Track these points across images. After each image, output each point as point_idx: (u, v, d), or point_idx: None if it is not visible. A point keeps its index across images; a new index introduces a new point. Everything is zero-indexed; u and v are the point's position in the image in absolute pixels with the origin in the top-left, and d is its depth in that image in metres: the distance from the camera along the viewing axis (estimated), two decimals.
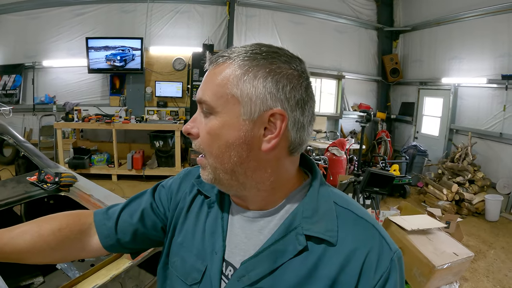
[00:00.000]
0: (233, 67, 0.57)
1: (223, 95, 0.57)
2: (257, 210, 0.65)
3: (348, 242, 0.58)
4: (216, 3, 6.51)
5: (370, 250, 0.57)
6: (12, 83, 6.42)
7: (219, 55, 0.60)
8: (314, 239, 0.59)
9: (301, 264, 0.58)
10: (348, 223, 0.60)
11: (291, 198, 0.64)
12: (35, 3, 6.26)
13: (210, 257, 0.65)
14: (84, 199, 2.01)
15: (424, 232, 2.88)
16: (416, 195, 5.54)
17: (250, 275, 0.59)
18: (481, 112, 5.54)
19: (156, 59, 6.49)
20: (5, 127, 2.36)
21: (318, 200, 0.63)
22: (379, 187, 2.71)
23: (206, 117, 0.60)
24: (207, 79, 0.60)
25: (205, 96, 0.59)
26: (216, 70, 0.59)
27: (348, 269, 0.56)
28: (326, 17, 7.06)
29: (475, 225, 4.51)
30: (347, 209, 0.63)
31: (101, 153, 6.11)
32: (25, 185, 2.11)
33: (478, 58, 5.56)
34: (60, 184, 2.07)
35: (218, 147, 0.58)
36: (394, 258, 0.58)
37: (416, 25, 6.99)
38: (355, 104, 7.65)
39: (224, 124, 0.57)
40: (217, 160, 0.59)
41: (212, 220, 0.68)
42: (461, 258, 2.68)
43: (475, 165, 5.14)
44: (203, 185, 0.73)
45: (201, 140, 0.60)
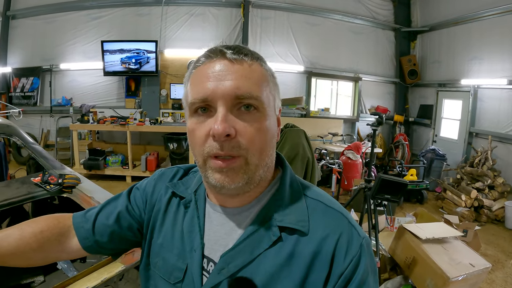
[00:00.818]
0: (264, 67, 0.63)
1: (268, 93, 0.61)
2: (236, 207, 0.67)
3: (319, 230, 0.61)
4: (231, 5, 6.54)
5: (340, 236, 0.60)
6: (30, 86, 6.67)
7: (241, 51, 0.60)
8: (287, 229, 0.62)
9: (276, 254, 0.61)
10: (318, 213, 0.64)
11: (266, 192, 0.67)
12: (52, 7, 6.47)
13: (190, 255, 0.67)
14: (85, 201, 2.04)
15: (439, 241, 2.78)
16: (434, 201, 5.39)
17: (229, 267, 0.62)
18: (502, 114, 5.36)
19: (171, 61, 6.56)
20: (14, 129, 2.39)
21: (289, 193, 0.67)
22: (390, 194, 2.63)
23: (249, 113, 0.59)
24: (246, 74, 0.59)
25: (255, 92, 0.58)
26: (253, 67, 0.60)
27: (320, 255, 0.59)
28: (341, 18, 6.99)
29: (494, 233, 4.34)
30: (317, 200, 0.66)
31: (116, 154, 6.22)
32: (29, 186, 2.14)
33: (499, 58, 5.38)
34: (63, 185, 2.10)
35: (265, 142, 0.61)
36: (363, 243, 0.61)
37: (434, 25, 6.82)
38: (372, 107, 7.53)
39: (270, 120, 0.62)
40: (261, 156, 0.60)
41: (189, 219, 0.70)
42: (477, 270, 2.57)
43: (495, 170, 4.96)
44: (178, 187, 0.76)
45: (246, 139, 0.58)
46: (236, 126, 0.57)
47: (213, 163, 0.59)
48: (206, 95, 0.58)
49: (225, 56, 0.59)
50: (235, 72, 0.58)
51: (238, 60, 0.59)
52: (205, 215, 0.70)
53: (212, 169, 0.60)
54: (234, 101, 0.58)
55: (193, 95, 0.60)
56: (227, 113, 0.57)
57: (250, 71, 0.59)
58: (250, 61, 0.60)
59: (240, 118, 0.58)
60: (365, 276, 0.59)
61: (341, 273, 0.58)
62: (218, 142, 0.57)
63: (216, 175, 0.59)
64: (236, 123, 0.58)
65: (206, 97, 0.58)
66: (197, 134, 0.60)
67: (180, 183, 0.77)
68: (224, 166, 0.58)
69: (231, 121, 0.57)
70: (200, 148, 0.60)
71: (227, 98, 0.57)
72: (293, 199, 0.66)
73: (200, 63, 0.61)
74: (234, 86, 0.57)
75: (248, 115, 0.59)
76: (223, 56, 0.59)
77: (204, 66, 0.60)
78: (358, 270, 0.58)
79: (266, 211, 0.64)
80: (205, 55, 0.62)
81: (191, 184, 0.76)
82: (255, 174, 0.60)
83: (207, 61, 0.61)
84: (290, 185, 0.68)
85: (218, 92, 0.57)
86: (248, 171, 0.59)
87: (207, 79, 0.59)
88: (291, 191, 0.67)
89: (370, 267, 0.61)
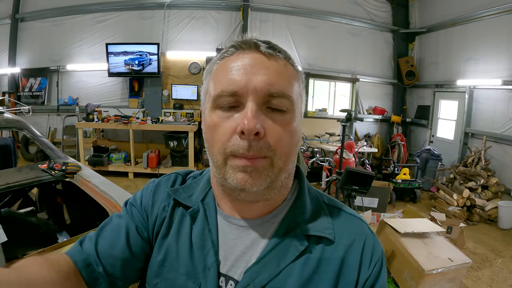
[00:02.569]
0: (295, 68, 0.59)
1: (298, 93, 0.58)
2: (256, 218, 0.62)
3: (345, 237, 0.60)
4: (231, 8, 6.70)
5: (365, 242, 0.61)
6: (38, 85, 6.94)
7: (275, 47, 0.58)
8: (313, 238, 0.60)
9: (304, 264, 0.58)
10: (341, 219, 0.63)
11: (288, 200, 0.64)
12: (59, 11, 6.72)
13: (203, 274, 0.60)
14: (84, 184, 2.30)
15: (420, 236, 2.87)
16: (427, 200, 5.45)
17: (255, 282, 0.57)
18: (497, 115, 5.39)
19: (173, 63, 6.76)
20: (25, 123, 2.69)
21: (310, 201, 0.65)
22: (358, 185, 2.76)
23: (280, 113, 0.55)
24: (280, 72, 0.55)
25: (289, 91, 0.55)
26: (287, 65, 0.57)
27: (348, 262, 0.59)
28: (340, 20, 7.08)
29: (486, 233, 4.39)
30: (335, 207, 0.66)
31: (119, 152, 6.42)
32: (37, 171, 2.42)
33: (494, 59, 5.43)
34: (65, 171, 2.39)
35: (292, 145, 0.57)
36: (382, 250, 0.63)
37: (431, 26, 6.87)
38: (370, 108, 7.61)
39: (299, 121, 0.59)
40: (287, 160, 0.57)
41: (199, 233, 0.63)
42: (456, 264, 2.64)
43: (489, 170, 5.00)
44: (179, 194, 0.68)
45: (274, 140, 0.54)
46: (265, 125, 0.53)
47: (236, 161, 0.54)
48: (237, 88, 0.53)
49: (259, 49, 0.55)
50: (270, 68, 0.54)
51: (273, 56, 0.55)
52: (217, 228, 0.64)
53: (233, 169, 0.54)
54: (266, 98, 0.54)
55: (220, 87, 0.55)
56: (258, 110, 0.53)
57: (284, 69, 0.56)
58: (283, 58, 0.57)
59: (269, 117, 0.54)
60: (385, 281, 0.61)
61: (366, 279, 0.58)
62: (246, 141, 0.52)
63: (238, 175, 0.54)
64: (266, 121, 0.54)
65: (236, 90, 0.53)
66: (220, 130, 0.55)
67: (181, 189, 0.69)
68: (249, 164, 0.53)
69: (261, 119, 0.53)
70: (222, 146, 0.54)
71: (259, 93, 0.53)
72: (314, 206, 0.64)
73: (229, 53, 0.57)
74: (268, 82, 0.53)
75: (279, 115, 0.55)
76: (257, 49, 0.56)
77: (234, 57, 0.56)
78: (381, 276, 0.60)
79: (289, 220, 0.61)
80: (235, 45, 0.57)
81: (195, 191, 0.69)
82: (278, 178, 0.56)
83: (237, 52, 0.57)
84: (309, 193, 0.66)
85: (250, 86, 0.53)
86: (271, 174, 0.55)
87: (238, 71, 0.54)
88: (310, 198, 0.65)
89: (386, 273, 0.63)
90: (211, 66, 0.60)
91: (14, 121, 2.67)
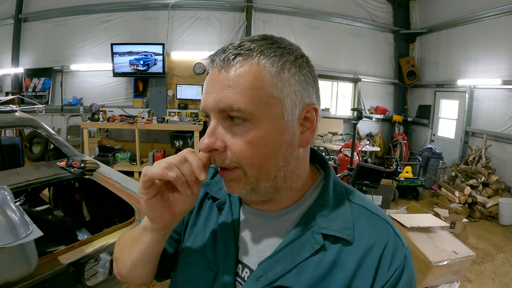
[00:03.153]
0: (263, 65, 0.53)
1: (261, 98, 0.53)
2: (273, 210, 0.63)
3: (365, 239, 0.58)
4: (234, 9, 6.77)
5: (386, 246, 0.57)
6: (42, 86, 6.96)
7: (233, 53, 0.54)
8: (330, 237, 0.58)
9: (318, 262, 0.57)
10: (363, 220, 0.60)
11: (307, 196, 0.63)
12: (62, 11, 6.76)
13: (223, 260, 0.64)
14: (105, 181, 2.35)
15: (425, 230, 2.97)
16: (430, 198, 5.54)
17: (268, 275, 0.58)
18: (497, 114, 5.50)
19: (177, 63, 6.82)
20: (39, 122, 2.73)
21: (333, 198, 0.63)
22: (369, 181, 2.86)
23: (238, 125, 0.54)
24: (230, 83, 0.53)
25: (237, 103, 0.52)
26: (241, 72, 0.53)
27: (365, 265, 0.56)
28: (341, 21, 7.17)
29: (487, 229, 4.48)
30: (361, 206, 0.63)
31: (124, 151, 6.48)
32: (55, 168, 2.47)
33: (493, 59, 5.52)
34: (85, 169, 2.43)
35: (263, 155, 0.55)
36: (407, 254, 0.59)
37: (432, 27, 6.97)
38: (371, 107, 7.70)
39: (269, 129, 0.54)
40: (261, 170, 0.56)
41: (223, 222, 0.67)
42: (460, 257, 2.75)
43: (490, 168, 5.10)
44: (211, 187, 0.72)
45: (235, 153, 0.54)
46: (225, 139, 0.55)
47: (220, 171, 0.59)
48: (202, 109, 0.57)
49: (213, 64, 0.56)
50: (219, 82, 0.54)
51: (225, 67, 0.53)
52: (239, 218, 0.67)
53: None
54: (221, 114, 0.54)
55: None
56: (217, 126, 0.55)
57: (236, 77, 0.52)
58: (241, 62, 0.53)
59: (230, 131, 0.55)
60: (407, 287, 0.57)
61: (384, 283, 0.56)
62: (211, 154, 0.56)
63: (223, 182, 0.60)
64: (225, 136, 0.55)
65: (203, 110, 0.57)
66: None
67: (214, 183, 0.73)
68: (223, 176, 0.58)
69: (220, 135, 0.55)
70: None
71: (214, 112, 0.55)
72: (337, 204, 0.62)
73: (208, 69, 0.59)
74: (216, 100, 0.53)
75: (237, 127, 0.54)
76: (213, 65, 0.56)
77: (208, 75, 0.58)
78: (401, 282, 0.56)
79: (308, 216, 0.61)
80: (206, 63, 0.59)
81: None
82: (259, 185, 0.57)
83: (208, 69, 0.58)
84: (334, 189, 0.64)
85: (207, 106, 0.55)
86: (249, 182, 0.56)
87: (204, 90, 0.58)
88: (334, 195, 0.63)
89: (412, 277, 0.59)
90: None
91: (28, 120, 2.68)
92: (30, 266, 1.38)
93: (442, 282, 2.81)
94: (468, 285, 3.11)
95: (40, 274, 1.49)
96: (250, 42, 0.54)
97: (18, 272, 1.36)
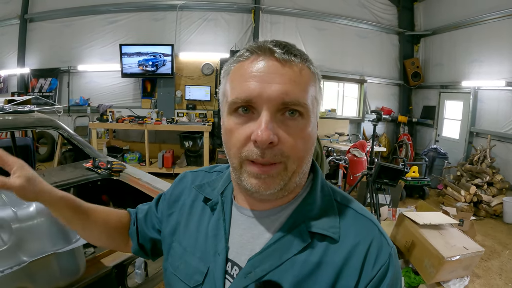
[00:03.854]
0: (312, 70, 0.59)
1: (313, 98, 0.58)
2: (264, 210, 0.65)
3: (350, 238, 0.60)
4: (242, 10, 6.84)
5: (370, 244, 0.59)
6: (48, 86, 7.01)
7: (293, 52, 0.57)
8: (317, 235, 0.60)
9: (305, 260, 0.59)
10: (349, 219, 0.63)
11: (298, 197, 0.65)
12: (69, 11, 6.79)
13: (213, 259, 0.65)
14: (134, 182, 2.35)
15: (436, 227, 3.06)
16: (436, 197, 5.64)
17: (256, 271, 0.60)
18: (500, 114, 5.59)
19: (186, 64, 6.89)
20: (59, 123, 2.69)
21: (320, 198, 0.65)
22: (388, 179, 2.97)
23: (294, 120, 0.56)
24: (295, 79, 0.55)
25: (302, 99, 0.55)
26: (303, 71, 0.57)
27: (351, 263, 0.58)
28: (347, 22, 7.26)
29: (492, 227, 4.57)
30: (347, 206, 0.65)
31: (132, 152, 6.54)
32: (82, 170, 2.46)
33: (497, 60, 5.61)
34: (112, 170, 2.43)
35: (306, 150, 0.59)
36: (392, 253, 0.60)
37: (436, 29, 7.06)
38: (377, 108, 7.76)
39: (313, 126, 0.60)
40: (301, 163, 0.59)
41: (215, 222, 0.69)
42: (470, 252, 2.84)
43: (494, 167, 5.20)
44: (203, 188, 0.75)
45: (287, 147, 0.55)
46: (279, 133, 0.55)
47: (251, 168, 0.57)
48: (251, 97, 0.54)
49: (273, 55, 0.55)
50: (284, 75, 0.54)
51: (288, 62, 0.55)
52: (231, 218, 0.69)
53: (248, 174, 0.57)
54: (280, 107, 0.55)
55: (234, 94, 0.57)
56: (271, 119, 0.54)
57: (299, 75, 0.55)
58: (299, 63, 0.56)
59: (284, 124, 0.55)
60: (392, 285, 0.58)
61: (369, 281, 0.57)
62: (259, 149, 0.54)
63: (252, 180, 0.57)
64: (280, 129, 0.55)
65: (250, 98, 0.55)
66: (235, 136, 0.57)
67: (206, 185, 0.76)
68: (262, 172, 0.56)
69: (274, 128, 0.54)
70: (237, 151, 0.57)
71: (273, 103, 0.54)
72: (324, 204, 0.64)
73: (244, 58, 0.58)
74: (282, 92, 0.53)
75: (293, 122, 0.56)
76: (272, 55, 0.55)
77: (249, 63, 0.57)
78: (386, 279, 0.58)
79: (296, 215, 0.63)
80: (250, 49, 0.58)
81: (218, 185, 0.74)
82: (291, 180, 0.59)
83: (252, 57, 0.57)
84: (321, 190, 0.66)
85: (264, 95, 0.54)
86: (285, 177, 0.57)
87: (252, 78, 0.55)
88: (322, 195, 0.66)
89: (398, 276, 0.60)
90: (228, 67, 0.61)
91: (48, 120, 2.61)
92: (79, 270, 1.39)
93: (453, 277, 2.91)
94: (476, 280, 3.20)
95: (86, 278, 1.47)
96: (290, 46, 0.58)
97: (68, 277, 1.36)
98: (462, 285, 2.92)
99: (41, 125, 2.59)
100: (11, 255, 1.18)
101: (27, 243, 1.22)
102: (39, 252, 1.24)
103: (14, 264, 1.18)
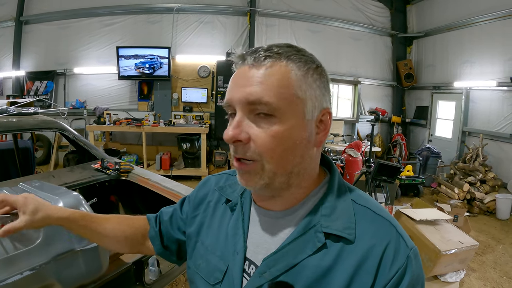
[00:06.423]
0: (290, 67, 0.58)
1: (287, 96, 0.57)
2: (280, 210, 0.66)
3: (366, 239, 0.59)
4: (238, 13, 6.89)
5: (387, 246, 0.58)
6: (44, 89, 6.93)
7: (263, 54, 0.58)
8: (332, 236, 0.60)
9: (320, 260, 0.59)
10: (366, 220, 0.62)
11: (312, 195, 0.65)
12: (65, 14, 6.76)
13: (232, 257, 0.68)
14: (143, 182, 2.37)
15: (432, 223, 3.15)
16: (430, 195, 5.74)
17: (271, 270, 0.61)
18: (492, 114, 5.72)
19: (182, 66, 6.92)
20: (64, 125, 2.68)
21: (337, 198, 0.64)
22: (387, 176, 3.05)
23: (263, 119, 0.58)
24: (260, 80, 0.57)
25: (266, 97, 0.56)
26: (271, 71, 0.57)
27: (366, 265, 0.57)
28: (341, 25, 7.35)
29: (486, 223, 4.68)
30: (365, 207, 0.64)
31: (130, 154, 6.56)
32: (90, 170, 2.47)
33: (489, 61, 5.74)
34: (120, 170, 2.45)
35: (283, 149, 0.58)
36: (410, 255, 0.58)
37: (429, 31, 7.20)
38: (371, 109, 7.88)
39: (292, 125, 0.58)
40: (279, 163, 0.59)
41: (234, 222, 0.71)
42: (466, 246, 2.91)
43: (486, 165, 5.30)
44: (225, 190, 0.78)
45: (258, 145, 0.58)
46: (250, 132, 0.58)
47: (234, 163, 0.62)
48: (227, 101, 0.61)
49: (244, 61, 0.60)
50: (250, 78, 0.58)
51: (256, 65, 0.58)
52: (250, 218, 0.71)
53: (236, 169, 0.64)
54: (249, 107, 0.58)
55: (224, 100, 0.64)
56: (242, 118, 0.59)
57: (266, 75, 0.57)
58: (271, 63, 0.58)
59: (256, 124, 0.58)
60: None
61: (385, 284, 0.56)
62: (232, 146, 0.60)
63: (238, 175, 0.63)
64: (251, 128, 0.58)
65: (227, 102, 0.61)
66: None
67: (228, 186, 0.79)
68: (239, 168, 0.61)
69: (245, 127, 0.58)
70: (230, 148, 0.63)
71: (242, 104, 0.58)
72: (340, 204, 0.64)
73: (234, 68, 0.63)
74: (246, 92, 0.57)
75: (265, 121, 0.58)
76: (243, 61, 0.60)
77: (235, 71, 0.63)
78: (403, 282, 0.56)
79: (312, 215, 0.63)
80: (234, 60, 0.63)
81: (238, 186, 0.76)
82: (274, 180, 0.60)
83: (235, 66, 0.62)
84: (338, 190, 0.66)
85: (235, 98, 0.59)
86: (264, 176, 0.59)
87: (230, 85, 0.62)
88: (338, 196, 0.65)
89: (417, 279, 0.58)
90: None
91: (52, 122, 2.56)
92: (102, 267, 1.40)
93: (450, 270, 2.98)
94: (472, 274, 3.30)
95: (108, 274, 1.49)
96: (278, 47, 0.59)
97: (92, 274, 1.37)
98: (458, 278, 2.99)
99: (46, 127, 2.54)
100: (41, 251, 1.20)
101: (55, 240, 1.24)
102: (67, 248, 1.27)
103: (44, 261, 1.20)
